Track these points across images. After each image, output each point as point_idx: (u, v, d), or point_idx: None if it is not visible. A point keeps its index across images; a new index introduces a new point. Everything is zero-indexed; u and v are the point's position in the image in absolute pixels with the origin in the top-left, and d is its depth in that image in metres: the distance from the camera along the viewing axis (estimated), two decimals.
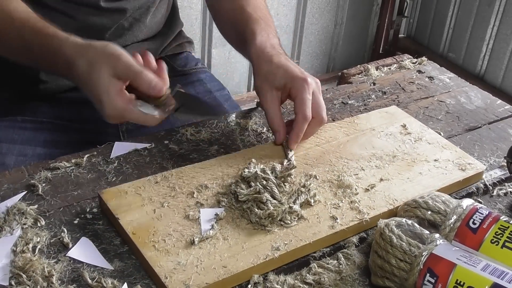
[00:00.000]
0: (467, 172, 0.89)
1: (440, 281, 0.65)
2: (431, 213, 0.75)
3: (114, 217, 0.74)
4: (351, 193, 0.82)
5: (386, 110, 1.04)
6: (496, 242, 0.69)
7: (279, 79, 0.89)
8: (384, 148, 0.93)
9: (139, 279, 0.69)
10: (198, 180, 0.82)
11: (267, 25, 0.99)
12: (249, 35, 0.96)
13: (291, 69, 0.90)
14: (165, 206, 0.77)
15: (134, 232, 0.72)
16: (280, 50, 0.94)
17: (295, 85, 0.88)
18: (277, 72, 0.90)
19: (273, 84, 0.90)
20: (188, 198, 0.79)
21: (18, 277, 0.66)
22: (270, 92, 0.90)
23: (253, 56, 0.94)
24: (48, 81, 1.02)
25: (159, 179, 0.81)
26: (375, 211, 0.80)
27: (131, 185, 0.80)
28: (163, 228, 0.73)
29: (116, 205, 0.76)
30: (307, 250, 0.74)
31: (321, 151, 0.91)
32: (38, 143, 1.00)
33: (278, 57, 0.92)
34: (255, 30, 0.96)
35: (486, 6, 2.45)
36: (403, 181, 0.86)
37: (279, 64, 0.90)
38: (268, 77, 0.90)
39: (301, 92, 0.88)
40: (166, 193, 0.79)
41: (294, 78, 0.89)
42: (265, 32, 0.96)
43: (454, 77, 1.22)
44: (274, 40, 0.96)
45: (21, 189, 0.80)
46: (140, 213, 0.75)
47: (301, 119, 0.87)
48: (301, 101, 0.87)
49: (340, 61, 2.84)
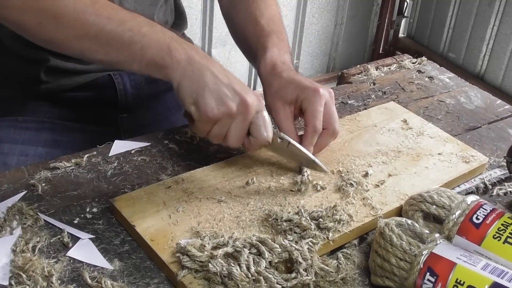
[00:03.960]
0: (471, 164, 0.91)
1: (440, 280, 0.65)
2: (435, 208, 0.76)
3: (129, 225, 0.74)
4: (362, 190, 0.83)
5: (385, 106, 1.06)
6: (498, 237, 0.69)
7: (290, 93, 0.88)
8: (388, 144, 0.94)
9: (139, 279, 0.69)
10: (209, 183, 0.82)
11: (280, 39, 0.97)
12: (260, 49, 0.95)
13: (301, 82, 0.88)
14: (180, 211, 0.77)
15: (152, 238, 0.72)
16: (290, 66, 0.93)
17: (307, 97, 0.86)
18: (287, 87, 0.88)
19: (285, 99, 0.88)
20: (202, 202, 0.79)
21: (18, 277, 0.66)
22: (283, 108, 0.88)
23: (263, 73, 0.92)
24: (49, 81, 1.02)
25: (170, 184, 0.81)
26: (388, 207, 0.81)
27: (143, 191, 0.79)
28: (180, 233, 0.73)
29: (130, 212, 0.75)
30: (322, 251, 0.74)
31: (327, 149, 0.91)
32: (39, 143, 1.00)
33: (288, 73, 0.90)
34: (266, 45, 0.94)
35: (486, 6, 2.45)
36: (411, 176, 0.87)
37: (289, 78, 0.89)
38: (279, 93, 0.88)
39: (312, 103, 0.85)
40: (179, 198, 0.79)
41: (305, 89, 0.87)
42: (276, 48, 0.94)
43: (454, 77, 1.22)
44: (285, 56, 0.94)
45: (21, 189, 0.80)
46: (156, 219, 0.75)
47: (311, 131, 0.86)
48: (311, 113, 0.86)
49: (340, 61, 2.84)
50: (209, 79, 0.78)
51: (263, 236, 0.72)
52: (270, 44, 0.95)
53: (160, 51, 0.78)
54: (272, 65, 0.92)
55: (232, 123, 0.79)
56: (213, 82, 0.78)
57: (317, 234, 0.73)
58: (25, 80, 1.03)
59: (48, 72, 1.00)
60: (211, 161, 0.89)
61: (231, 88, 0.78)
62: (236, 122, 0.79)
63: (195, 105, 0.78)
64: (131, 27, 0.79)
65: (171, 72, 0.79)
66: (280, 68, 0.91)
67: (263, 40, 0.96)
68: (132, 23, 0.79)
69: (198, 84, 0.78)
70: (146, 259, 0.71)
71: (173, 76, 0.79)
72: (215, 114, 0.77)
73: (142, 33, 0.79)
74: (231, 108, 0.77)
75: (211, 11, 2.30)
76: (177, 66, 0.78)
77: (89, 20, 0.78)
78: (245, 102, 0.78)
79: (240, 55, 1.09)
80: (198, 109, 0.78)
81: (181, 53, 0.78)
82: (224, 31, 2.22)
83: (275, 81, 0.90)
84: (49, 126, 1.02)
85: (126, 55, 0.80)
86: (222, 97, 0.77)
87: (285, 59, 0.94)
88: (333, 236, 0.74)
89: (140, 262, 0.71)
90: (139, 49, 0.78)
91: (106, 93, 1.05)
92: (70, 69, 1.01)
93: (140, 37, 0.78)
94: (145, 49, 0.78)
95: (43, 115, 1.03)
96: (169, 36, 0.80)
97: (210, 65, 0.79)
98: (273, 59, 0.93)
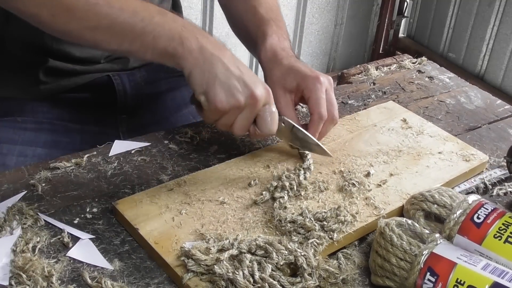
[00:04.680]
0: (472, 163, 0.91)
1: (440, 280, 0.65)
2: (437, 207, 0.76)
3: (133, 228, 0.73)
4: (364, 189, 0.83)
5: (384, 105, 1.06)
6: (499, 237, 0.69)
7: (290, 81, 0.90)
8: (388, 143, 0.95)
9: (139, 279, 0.69)
10: (211, 185, 0.82)
11: (278, 27, 0.99)
12: (260, 37, 0.96)
13: (301, 69, 0.90)
14: (183, 214, 0.76)
15: (156, 241, 0.71)
16: (290, 53, 0.94)
17: (308, 85, 0.88)
18: (288, 75, 0.90)
19: (285, 87, 0.90)
20: (205, 205, 0.78)
21: (18, 277, 0.66)
22: (284, 96, 0.90)
23: (263, 60, 0.94)
24: (49, 82, 1.02)
25: (172, 186, 0.81)
26: (391, 206, 0.81)
27: (145, 193, 0.79)
28: (185, 236, 0.73)
29: (133, 215, 0.75)
30: (326, 252, 0.74)
31: (328, 149, 0.91)
32: (38, 144, 1.00)
33: (288, 60, 0.92)
34: (266, 33, 0.96)
35: (486, 6, 2.45)
36: (412, 175, 0.88)
37: (289, 66, 0.91)
38: (280, 81, 0.90)
39: (315, 91, 0.88)
40: (182, 200, 0.79)
41: (305, 78, 0.89)
42: (276, 34, 0.96)
43: (454, 77, 1.22)
44: (285, 43, 0.96)
45: (21, 189, 0.80)
46: (159, 222, 0.75)
47: (317, 119, 0.87)
48: (315, 101, 0.87)
49: (340, 61, 2.84)
50: (219, 70, 0.79)
51: (271, 238, 0.72)
52: (270, 31, 0.96)
53: (172, 40, 0.80)
54: (273, 52, 0.93)
55: (239, 114, 0.81)
56: (224, 74, 0.79)
57: (321, 235, 0.73)
58: (24, 80, 1.03)
59: (47, 73, 1.00)
60: (211, 161, 0.89)
61: (241, 80, 0.79)
62: (243, 113, 0.81)
63: (205, 95, 0.80)
64: (143, 17, 0.80)
65: (183, 61, 0.80)
66: (281, 55, 0.92)
67: (262, 28, 0.97)
68: (144, 14, 0.80)
69: (209, 75, 0.79)
70: (146, 259, 0.71)
71: (185, 65, 0.80)
72: (224, 106, 0.79)
73: (154, 23, 0.80)
74: (239, 101, 0.79)
75: (211, 11, 2.30)
76: (189, 56, 0.80)
77: (101, 11, 0.79)
78: (254, 95, 0.79)
79: (239, 54, 1.09)
80: (208, 99, 0.80)
81: (192, 42, 0.80)
82: (224, 31, 2.22)
83: (276, 69, 0.91)
84: (48, 126, 1.02)
85: (138, 45, 0.81)
86: (231, 89, 0.79)
87: (285, 45, 0.95)
88: (337, 237, 0.74)
89: (140, 262, 0.71)
90: (151, 39, 0.80)
91: (105, 94, 1.05)
92: (70, 70, 1.01)
93: (152, 27, 0.80)
94: (157, 39, 0.80)
95: (42, 115, 1.03)
96: (181, 24, 0.81)
97: (221, 55, 0.80)
98: (273, 46, 0.94)
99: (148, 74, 1.10)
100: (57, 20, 0.80)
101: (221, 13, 1.12)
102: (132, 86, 1.07)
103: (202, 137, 0.94)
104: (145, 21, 0.80)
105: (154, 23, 0.80)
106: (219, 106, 0.79)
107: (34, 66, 0.99)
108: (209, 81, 0.79)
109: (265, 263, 0.68)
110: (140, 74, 1.09)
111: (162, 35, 0.80)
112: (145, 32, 0.80)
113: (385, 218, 0.74)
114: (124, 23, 0.79)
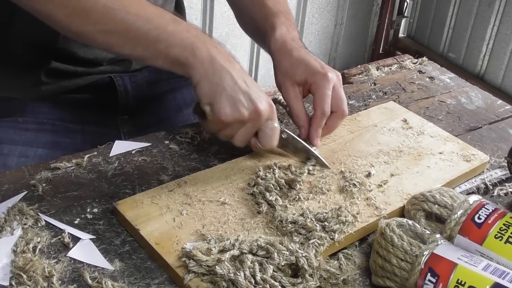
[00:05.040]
0: (473, 163, 0.92)
1: (441, 281, 0.65)
2: (438, 207, 0.76)
3: (133, 228, 0.73)
4: (365, 190, 0.83)
5: (384, 106, 1.06)
6: (500, 237, 0.69)
7: (300, 74, 0.91)
8: (389, 143, 0.95)
9: (139, 279, 0.69)
10: (212, 185, 0.82)
11: (287, 18, 0.99)
12: (269, 29, 0.97)
13: (311, 63, 0.91)
14: (183, 214, 0.76)
15: (157, 242, 0.72)
16: (300, 43, 0.95)
17: (316, 81, 0.89)
18: (298, 67, 0.91)
19: (294, 80, 0.91)
20: (206, 205, 0.78)
21: (18, 277, 0.66)
22: (293, 88, 0.91)
23: (273, 50, 0.94)
24: (50, 82, 1.02)
25: (173, 187, 0.81)
26: (392, 207, 0.81)
27: (146, 194, 0.79)
28: (186, 237, 0.73)
29: (134, 216, 0.75)
30: (327, 252, 0.74)
31: (329, 150, 0.91)
32: (39, 145, 1.00)
33: (298, 51, 0.92)
34: (274, 24, 0.97)
35: (486, 6, 2.45)
36: (413, 175, 0.88)
37: (299, 58, 0.91)
38: (289, 72, 0.91)
39: (321, 87, 0.89)
40: (182, 201, 0.79)
41: (314, 74, 0.90)
42: (284, 25, 0.97)
43: (455, 77, 1.23)
44: (294, 33, 0.97)
45: (22, 189, 0.80)
46: (160, 223, 0.75)
47: (320, 115, 0.89)
48: (320, 97, 0.89)
49: (340, 61, 2.84)
50: (227, 83, 0.80)
51: (272, 238, 0.72)
52: (278, 22, 0.97)
53: (184, 50, 0.81)
54: (282, 41, 0.94)
55: (242, 127, 0.82)
56: (231, 87, 0.80)
57: (322, 235, 0.73)
58: (26, 81, 1.03)
59: (49, 73, 1.00)
60: (212, 161, 0.89)
61: (247, 95, 0.81)
62: (246, 127, 0.82)
63: (210, 105, 0.81)
64: (157, 25, 0.81)
65: (192, 70, 0.81)
66: (290, 45, 0.93)
67: (271, 19, 0.98)
68: (159, 21, 0.81)
69: (216, 87, 0.80)
70: (147, 260, 0.71)
71: (194, 74, 0.81)
72: (228, 118, 0.81)
73: (168, 32, 0.81)
74: (243, 115, 0.80)
75: (211, 11, 2.30)
76: (199, 66, 0.81)
77: (118, 16, 0.80)
78: (258, 110, 0.81)
79: (239, 55, 1.09)
80: (212, 110, 0.81)
81: (204, 53, 0.81)
82: (224, 31, 2.22)
83: (285, 60, 0.92)
84: (49, 127, 1.02)
85: (151, 52, 0.82)
86: (237, 103, 0.80)
87: (294, 35, 0.96)
88: (338, 238, 0.74)
89: (140, 262, 0.71)
90: (164, 47, 0.81)
91: (106, 95, 1.05)
92: (71, 71, 1.01)
93: (165, 36, 0.81)
94: (169, 48, 0.81)
95: (43, 116, 1.03)
96: (194, 34, 0.82)
97: (230, 67, 0.81)
98: (282, 36, 0.95)
99: (150, 75, 1.10)
100: (72, 21, 0.80)
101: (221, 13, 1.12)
102: (133, 87, 1.07)
103: (202, 138, 0.94)
104: (160, 29, 0.81)
105: (168, 31, 0.81)
106: (223, 118, 0.80)
107: (36, 67, 0.99)
108: (216, 93, 0.80)
109: (267, 264, 0.68)
110: (141, 75, 1.09)
111: (175, 44, 0.81)
112: (159, 40, 0.80)
113: (386, 219, 0.74)
114: (139, 29, 0.80)
